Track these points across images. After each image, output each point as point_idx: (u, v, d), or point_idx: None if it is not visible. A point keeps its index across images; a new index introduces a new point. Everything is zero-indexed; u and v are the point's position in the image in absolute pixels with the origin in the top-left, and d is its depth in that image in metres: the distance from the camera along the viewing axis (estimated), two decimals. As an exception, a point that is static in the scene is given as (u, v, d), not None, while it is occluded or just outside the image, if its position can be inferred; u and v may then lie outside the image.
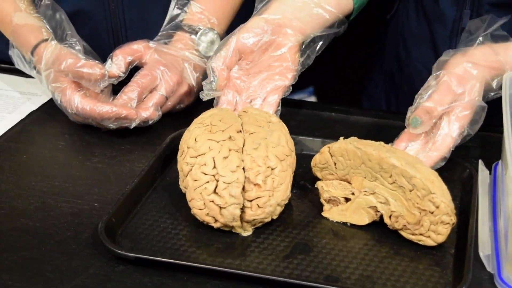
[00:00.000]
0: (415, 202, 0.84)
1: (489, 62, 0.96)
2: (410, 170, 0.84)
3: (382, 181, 0.87)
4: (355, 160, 0.89)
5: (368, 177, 0.88)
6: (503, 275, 0.80)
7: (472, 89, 0.94)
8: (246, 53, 1.04)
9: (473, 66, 0.95)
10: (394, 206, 0.86)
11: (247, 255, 0.84)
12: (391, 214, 0.86)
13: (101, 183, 0.99)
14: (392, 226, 0.87)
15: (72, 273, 0.82)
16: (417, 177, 0.83)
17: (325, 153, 0.92)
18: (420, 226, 0.84)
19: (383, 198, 0.87)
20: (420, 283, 0.80)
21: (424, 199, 0.83)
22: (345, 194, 0.90)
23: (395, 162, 0.85)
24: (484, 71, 0.95)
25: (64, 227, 0.90)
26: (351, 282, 0.80)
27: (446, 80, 0.95)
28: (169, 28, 1.18)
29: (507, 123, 0.85)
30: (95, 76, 1.07)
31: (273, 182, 0.87)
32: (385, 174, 0.86)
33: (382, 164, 0.86)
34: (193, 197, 0.87)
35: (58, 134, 1.11)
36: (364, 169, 0.88)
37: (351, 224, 0.89)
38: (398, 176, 0.85)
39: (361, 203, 0.88)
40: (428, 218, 0.83)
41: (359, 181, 0.89)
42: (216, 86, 1.02)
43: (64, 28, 1.13)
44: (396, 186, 0.86)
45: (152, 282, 0.81)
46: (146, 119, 1.10)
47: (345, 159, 0.90)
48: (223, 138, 0.90)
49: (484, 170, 0.96)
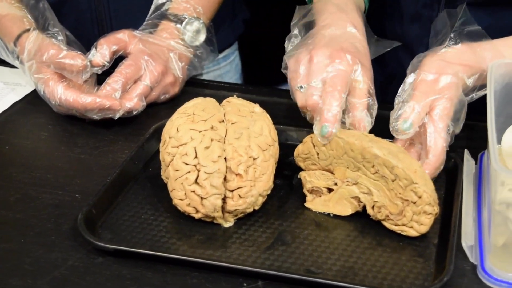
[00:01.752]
0: (398, 192, 0.83)
1: (462, 60, 0.95)
2: (392, 160, 0.83)
3: (364, 171, 0.86)
4: (337, 150, 0.88)
5: (351, 167, 0.87)
6: (486, 266, 0.79)
7: (448, 86, 0.93)
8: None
9: (446, 64, 0.94)
10: (377, 196, 0.85)
11: (228, 246, 0.84)
12: (373, 204, 0.86)
13: (83, 174, 0.98)
14: (375, 216, 0.86)
15: (51, 265, 0.81)
16: (399, 167, 0.82)
17: (308, 143, 0.91)
18: (402, 217, 0.83)
19: (365, 189, 0.86)
20: (402, 274, 0.79)
21: (407, 189, 0.82)
22: (327, 184, 0.89)
23: (377, 152, 0.84)
24: (458, 69, 0.94)
25: (44, 219, 0.89)
26: (332, 274, 0.79)
27: (422, 79, 0.93)
28: (154, 17, 1.17)
29: (491, 113, 0.84)
30: (77, 67, 1.06)
31: (255, 172, 0.87)
32: (368, 164, 0.85)
33: (365, 154, 0.85)
34: (174, 187, 0.87)
35: (41, 125, 1.10)
36: (346, 159, 0.87)
37: (334, 214, 0.89)
38: (381, 166, 0.84)
39: (344, 193, 0.88)
40: (411, 209, 0.82)
41: (341, 172, 0.88)
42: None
43: (46, 17, 1.12)
44: (379, 176, 0.85)
45: (131, 274, 0.80)
46: (130, 109, 1.08)
47: (327, 149, 0.89)
48: (205, 128, 0.89)
49: (470, 160, 0.95)
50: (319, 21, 1.02)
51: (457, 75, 0.93)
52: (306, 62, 0.95)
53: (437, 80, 0.93)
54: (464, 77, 0.94)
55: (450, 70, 0.94)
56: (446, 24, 0.99)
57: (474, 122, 1.03)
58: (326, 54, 0.94)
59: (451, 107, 0.92)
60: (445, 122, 0.91)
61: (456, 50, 0.96)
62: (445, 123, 0.91)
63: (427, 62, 0.96)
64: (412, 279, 0.78)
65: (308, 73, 0.94)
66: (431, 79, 0.93)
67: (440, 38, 0.99)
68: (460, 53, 0.96)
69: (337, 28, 0.99)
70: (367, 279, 0.78)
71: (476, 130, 1.04)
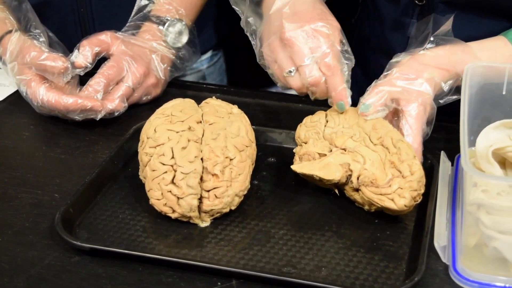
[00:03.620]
0: (394, 163, 0.86)
1: (440, 64, 0.96)
2: (400, 135, 0.89)
3: (368, 142, 0.89)
4: (350, 119, 0.93)
5: (355, 137, 0.90)
6: (458, 267, 0.79)
7: (423, 87, 0.94)
8: None
9: (424, 67, 0.95)
10: (369, 164, 0.87)
11: (204, 246, 0.84)
12: (361, 174, 0.87)
13: (63, 174, 0.98)
14: (357, 185, 0.87)
15: (28, 264, 0.82)
16: (404, 141, 0.88)
17: (320, 112, 0.96)
18: (388, 187, 0.85)
19: (360, 157, 0.88)
20: (374, 274, 0.80)
21: (404, 163, 0.86)
22: (322, 150, 0.91)
23: (390, 125, 0.91)
24: (435, 73, 0.95)
25: (22, 218, 0.89)
26: (305, 273, 0.80)
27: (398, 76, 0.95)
28: (136, 19, 1.18)
29: (464, 115, 0.84)
30: (58, 69, 1.06)
31: (231, 172, 0.87)
32: (375, 134, 0.89)
33: (376, 125, 0.90)
34: (151, 187, 0.87)
35: (23, 125, 1.11)
36: (355, 128, 0.91)
37: (320, 178, 0.88)
38: (387, 137, 0.89)
39: (335, 158, 0.89)
40: (399, 181, 0.85)
41: (343, 139, 0.90)
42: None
43: (28, 18, 1.12)
44: (380, 147, 0.88)
45: (106, 272, 0.80)
46: (111, 110, 1.09)
47: (339, 117, 0.93)
48: (182, 128, 0.89)
49: (446, 161, 0.96)
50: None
51: (433, 80, 0.94)
52: (283, 47, 0.96)
53: (412, 81, 0.94)
54: (441, 82, 0.95)
55: (426, 74, 0.95)
56: (429, 27, 1.00)
57: (451, 124, 1.04)
58: (299, 33, 0.95)
59: (424, 108, 0.93)
60: (420, 122, 0.93)
61: (434, 53, 0.97)
62: (420, 124, 0.93)
63: (405, 63, 0.97)
64: (384, 278, 0.79)
65: (291, 56, 0.96)
66: (405, 77, 0.95)
67: (420, 39, 1.00)
68: (437, 57, 0.97)
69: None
70: (340, 278, 0.79)
71: (454, 133, 1.04)
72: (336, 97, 0.95)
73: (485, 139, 0.87)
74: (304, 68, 0.95)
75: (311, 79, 0.94)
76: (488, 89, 0.93)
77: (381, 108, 0.94)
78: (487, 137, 0.87)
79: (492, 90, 0.93)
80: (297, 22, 0.96)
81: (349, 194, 0.90)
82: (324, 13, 0.98)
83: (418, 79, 0.95)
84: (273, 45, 0.97)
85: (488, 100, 0.93)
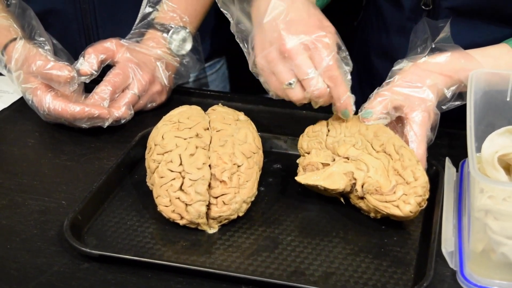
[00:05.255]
0: (397, 170, 0.87)
1: (443, 70, 0.96)
2: (402, 142, 0.90)
3: (370, 149, 0.90)
4: (351, 127, 0.93)
5: (357, 145, 0.91)
6: (465, 272, 0.80)
7: (426, 94, 0.95)
8: None
9: (427, 73, 0.96)
10: (373, 172, 0.87)
11: (212, 252, 0.85)
12: (365, 182, 0.87)
13: (70, 181, 0.99)
14: (362, 193, 0.87)
15: (36, 271, 0.82)
16: (407, 148, 0.89)
17: (322, 122, 0.97)
18: (392, 194, 0.85)
19: (363, 165, 0.88)
20: (382, 279, 0.80)
21: (407, 169, 0.86)
22: (325, 160, 0.91)
23: (391, 131, 0.91)
24: (438, 80, 0.96)
25: (30, 225, 0.90)
26: (314, 279, 0.80)
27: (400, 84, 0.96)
28: (141, 26, 1.18)
29: (470, 122, 0.85)
30: (64, 78, 1.06)
31: (239, 179, 0.88)
32: (377, 141, 0.90)
33: (378, 132, 0.91)
34: (159, 194, 0.88)
35: (28, 132, 1.11)
36: (357, 136, 0.92)
37: (325, 188, 0.89)
38: (389, 144, 0.89)
39: (339, 168, 0.89)
40: (403, 188, 0.85)
41: (345, 148, 0.91)
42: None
43: (33, 26, 1.12)
44: (382, 154, 0.89)
45: (115, 279, 0.81)
46: (118, 118, 1.10)
47: (341, 126, 0.94)
48: (190, 135, 0.90)
49: (451, 167, 0.96)
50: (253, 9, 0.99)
51: (435, 86, 0.95)
52: (282, 59, 0.93)
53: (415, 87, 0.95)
54: (443, 89, 0.96)
55: (429, 80, 0.96)
56: (427, 32, 1.00)
57: (455, 130, 1.05)
58: (299, 45, 0.92)
59: (427, 114, 0.94)
60: (424, 128, 0.93)
61: (436, 60, 0.98)
62: (424, 130, 0.93)
63: (408, 70, 0.97)
64: (393, 284, 0.79)
65: (292, 68, 0.93)
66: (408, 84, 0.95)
67: (420, 44, 1.01)
68: (439, 63, 0.97)
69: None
70: (348, 284, 0.79)
71: (458, 139, 1.05)
72: (341, 107, 0.95)
73: (491, 145, 0.88)
74: (308, 81, 0.93)
75: (317, 92, 0.93)
76: (492, 95, 0.94)
77: (383, 116, 0.94)
78: (493, 143, 0.88)
79: (496, 97, 0.94)
80: (295, 33, 0.93)
81: (354, 202, 0.90)
82: (320, 19, 0.96)
83: (421, 86, 0.95)
84: (270, 56, 0.94)
85: (492, 106, 0.94)
